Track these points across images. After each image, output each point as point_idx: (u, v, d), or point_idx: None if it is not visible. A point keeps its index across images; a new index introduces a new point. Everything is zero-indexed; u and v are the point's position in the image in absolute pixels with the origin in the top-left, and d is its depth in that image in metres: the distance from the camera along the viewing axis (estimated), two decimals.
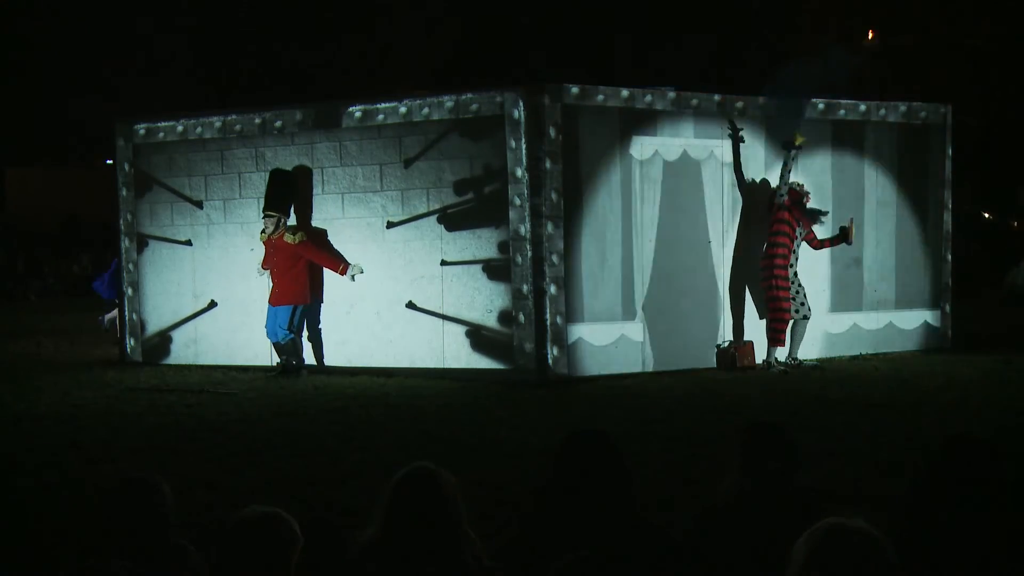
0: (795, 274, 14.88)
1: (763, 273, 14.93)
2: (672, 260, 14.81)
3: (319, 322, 15.17)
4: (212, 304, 15.78)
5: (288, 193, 14.95)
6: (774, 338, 14.83)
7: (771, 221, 14.89)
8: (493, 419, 11.64)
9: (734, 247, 15.22)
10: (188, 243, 16.07)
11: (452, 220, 14.37)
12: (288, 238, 14.62)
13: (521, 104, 13.93)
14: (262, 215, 14.83)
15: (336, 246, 15.09)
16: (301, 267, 14.66)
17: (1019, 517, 4.61)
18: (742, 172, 15.19)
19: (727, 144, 15.14)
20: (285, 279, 14.56)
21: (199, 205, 15.98)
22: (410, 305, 14.58)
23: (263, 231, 14.76)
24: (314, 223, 15.23)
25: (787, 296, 14.79)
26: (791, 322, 14.88)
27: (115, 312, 19.09)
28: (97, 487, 5.26)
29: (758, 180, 15.28)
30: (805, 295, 14.93)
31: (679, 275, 14.87)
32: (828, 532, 3.47)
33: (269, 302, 14.67)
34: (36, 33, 33.51)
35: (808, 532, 3.50)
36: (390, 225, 14.71)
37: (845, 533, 3.46)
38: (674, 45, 30.20)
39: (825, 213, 15.43)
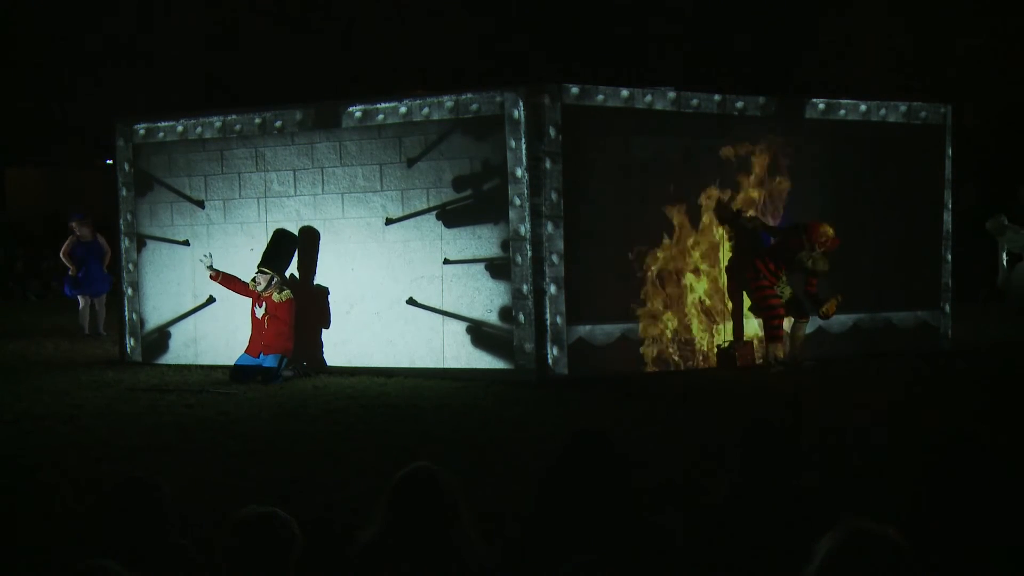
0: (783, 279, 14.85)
1: (748, 274, 14.89)
2: (672, 260, 14.81)
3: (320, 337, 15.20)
4: (211, 299, 15.76)
5: (287, 255, 14.90)
6: (772, 335, 14.81)
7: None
8: (493, 419, 11.64)
9: (732, 247, 15.22)
10: (186, 243, 16.07)
11: (452, 217, 14.37)
12: (276, 296, 14.56)
13: (521, 104, 13.93)
14: (256, 269, 14.72)
15: (336, 246, 15.08)
16: (284, 320, 14.60)
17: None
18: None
19: (727, 143, 15.13)
20: (271, 332, 14.49)
21: (200, 205, 15.99)
22: (411, 302, 14.57)
23: (254, 280, 14.66)
24: (315, 223, 15.23)
25: (773, 293, 14.74)
26: (786, 318, 14.87)
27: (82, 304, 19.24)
28: (97, 487, 5.26)
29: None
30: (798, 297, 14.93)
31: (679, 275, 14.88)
32: (853, 533, 3.44)
33: (251, 352, 14.43)
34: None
35: (833, 530, 3.48)
36: (389, 221, 14.70)
37: (871, 537, 3.43)
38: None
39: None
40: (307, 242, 15.24)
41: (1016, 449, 7.89)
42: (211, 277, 15.02)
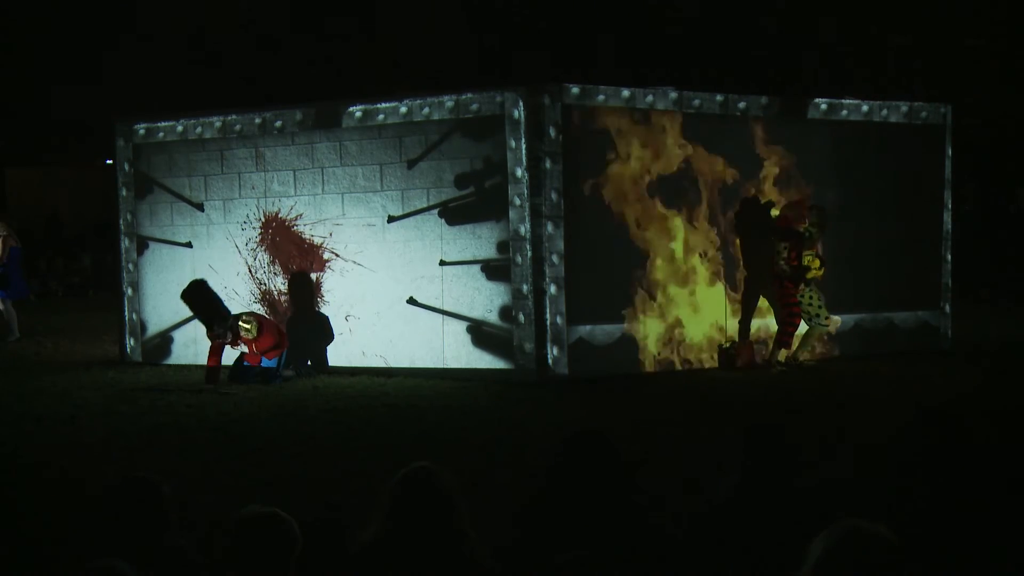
0: (806, 284, 14.82)
1: (773, 283, 14.88)
2: (673, 260, 14.81)
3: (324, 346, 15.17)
4: None
5: (211, 299, 14.66)
6: (781, 341, 14.82)
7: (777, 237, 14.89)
8: (493, 419, 11.64)
9: (741, 248, 15.19)
10: (188, 245, 16.06)
11: (453, 215, 14.35)
12: (246, 335, 14.12)
13: (521, 104, 13.93)
14: (209, 334, 14.38)
15: (337, 246, 15.07)
16: (268, 332, 14.37)
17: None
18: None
19: (729, 143, 15.13)
20: (263, 349, 14.22)
21: (199, 207, 15.97)
22: (411, 301, 14.56)
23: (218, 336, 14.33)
24: (315, 223, 15.20)
25: (795, 301, 14.76)
26: (802, 326, 14.89)
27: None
28: (97, 487, 5.26)
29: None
30: (821, 302, 14.89)
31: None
32: (847, 533, 3.44)
33: (249, 361, 14.28)
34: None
35: (827, 531, 3.48)
36: (391, 219, 14.68)
37: (865, 536, 3.43)
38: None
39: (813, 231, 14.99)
40: (298, 285, 15.21)
41: (1012, 449, 7.89)
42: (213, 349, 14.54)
